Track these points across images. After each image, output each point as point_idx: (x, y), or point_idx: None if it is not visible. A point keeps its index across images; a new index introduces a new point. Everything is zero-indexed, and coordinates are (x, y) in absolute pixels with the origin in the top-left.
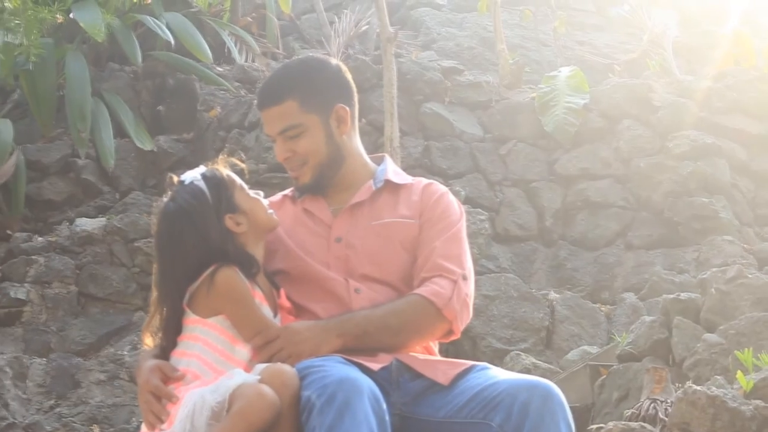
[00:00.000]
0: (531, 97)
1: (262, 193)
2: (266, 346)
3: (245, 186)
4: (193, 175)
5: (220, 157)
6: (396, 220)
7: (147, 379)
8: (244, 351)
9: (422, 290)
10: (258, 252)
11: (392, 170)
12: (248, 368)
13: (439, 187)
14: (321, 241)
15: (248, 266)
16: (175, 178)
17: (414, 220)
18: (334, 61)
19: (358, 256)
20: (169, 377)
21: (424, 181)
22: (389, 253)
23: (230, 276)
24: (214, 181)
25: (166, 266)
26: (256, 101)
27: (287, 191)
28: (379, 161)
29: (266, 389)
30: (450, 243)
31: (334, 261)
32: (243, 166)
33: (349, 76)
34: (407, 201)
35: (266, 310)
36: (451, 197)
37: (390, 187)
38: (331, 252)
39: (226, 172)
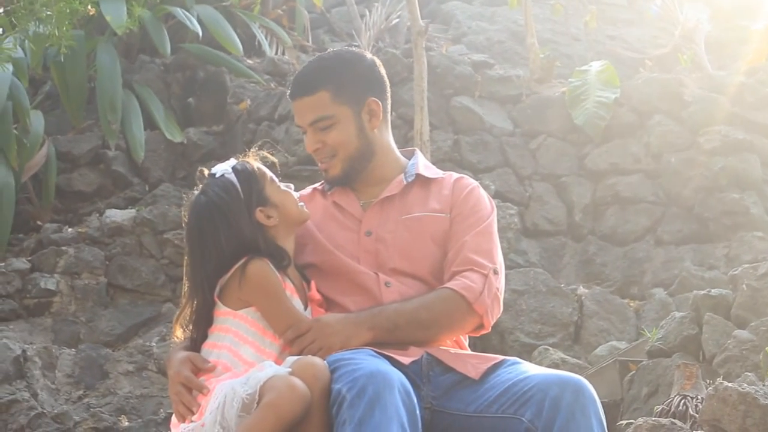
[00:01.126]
0: (561, 92)
1: (292, 186)
2: (297, 339)
3: (276, 179)
4: (224, 168)
5: (252, 150)
6: (427, 214)
7: (178, 370)
8: (275, 343)
9: (453, 284)
10: (289, 245)
11: (423, 164)
12: (279, 360)
13: (470, 182)
14: (351, 235)
15: (279, 259)
16: (206, 171)
17: (445, 214)
18: (369, 55)
19: (388, 250)
20: (200, 369)
21: (455, 175)
22: (419, 247)
23: (261, 268)
24: (244, 174)
25: (197, 259)
26: (288, 91)
27: (317, 185)
28: (409, 155)
29: (297, 382)
30: (481, 237)
31: (364, 255)
32: (274, 159)
33: (383, 70)
34: (438, 195)
35: (297, 302)
36: (482, 192)
37: (421, 181)
38: (361, 246)
39: (256, 165)
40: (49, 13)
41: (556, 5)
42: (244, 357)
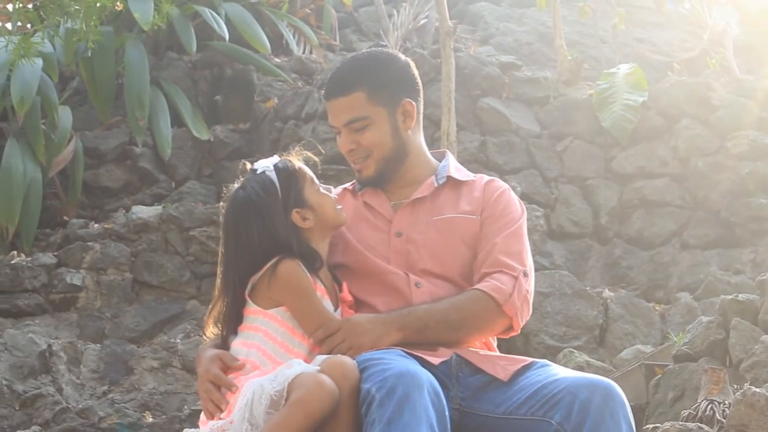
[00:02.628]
0: (589, 94)
1: (332, 189)
2: (327, 339)
3: (316, 180)
4: (266, 165)
5: (296, 148)
6: (457, 215)
7: (207, 368)
8: (303, 343)
9: (483, 285)
10: (322, 247)
11: (454, 166)
12: (308, 360)
13: (501, 184)
14: (381, 236)
15: (312, 261)
16: (249, 165)
17: (475, 216)
18: (402, 56)
19: (418, 251)
20: (229, 367)
21: (485, 177)
22: (450, 249)
23: (293, 268)
24: (285, 173)
25: (230, 255)
26: (323, 92)
27: (348, 185)
28: (440, 157)
29: (326, 379)
30: (511, 239)
31: (394, 255)
32: (316, 159)
33: (416, 72)
34: (468, 197)
35: (327, 304)
36: (513, 194)
37: (452, 183)
38: (392, 246)
39: (298, 164)
40: (77, 8)
41: (584, 7)
42: (273, 356)
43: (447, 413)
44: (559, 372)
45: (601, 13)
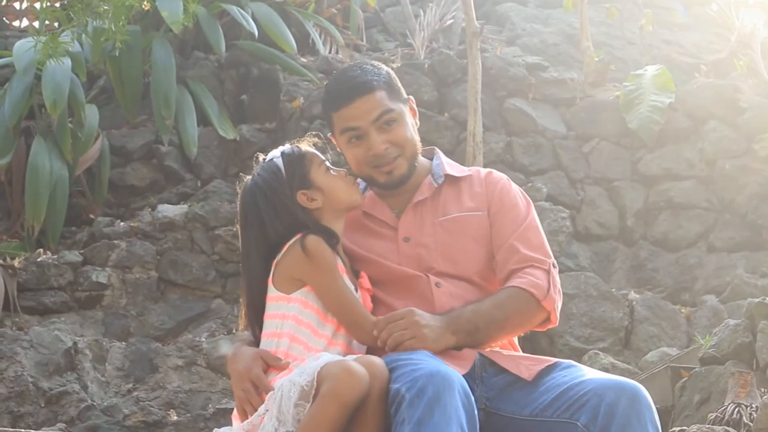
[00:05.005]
0: (615, 96)
1: (344, 171)
2: (389, 325)
3: (327, 163)
4: (274, 153)
5: (307, 134)
6: (463, 214)
7: (249, 366)
8: (328, 324)
9: (519, 282)
10: (337, 226)
11: (447, 163)
12: (332, 341)
13: (500, 175)
14: (389, 244)
15: (328, 237)
16: (261, 157)
17: (482, 211)
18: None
19: (431, 254)
20: (270, 366)
21: (482, 170)
22: (462, 248)
23: (317, 241)
24: (290, 157)
25: (245, 241)
26: (337, 102)
27: None
28: (429, 155)
29: (353, 365)
30: (529, 232)
31: (405, 261)
32: (324, 144)
33: None
34: (470, 192)
35: (348, 282)
36: (513, 184)
37: (449, 180)
38: (402, 253)
39: (306, 148)
40: (105, 8)
41: (611, 8)
42: (301, 338)
43: (477, 414)
44: (585, 373)
45: (628, 15)
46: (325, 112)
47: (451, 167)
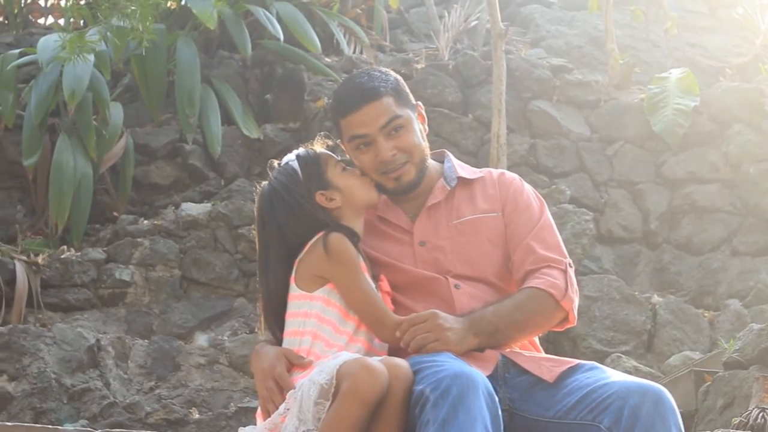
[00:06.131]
0: (640, 98)
1: (359, 171)
2: (411, 328)
3: (342, 163)
4: (289, 156)
5: (318, 136)
6: (478, 216)
7: (273, 365)
8: (350, 321)
9: (538, 283)
10: (357, 225)
11: (459, 165)
12: (354, 337)
13: (513, 176)
14: (404, 248)
15: (349, 235)
16: (276, 162)
17: (496, 213)
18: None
19: (447, 257)
20: (294, 364)
21: (494, 171)
22: (478, 250)
23: (341, 238)
24: (306, 159)
25: (264, 245)
26: (345, 108)
27: None
28: (439, 158)
29: (371, 362)
30: (544, 232)
31: (422, 265)
32: (336, 144)
33: None
34: (484, 194)
35: (369, 281)
36: (526, 184)
37: (462, 182)
38: (418, 256)
39: (320, 150)
40: (132, 7)
41: (636, 11)
42: (323, 336)
43: (501, 414)
44: (608, 375)
45: (654, 17)
46: (333, 118)
47: (463, 169)
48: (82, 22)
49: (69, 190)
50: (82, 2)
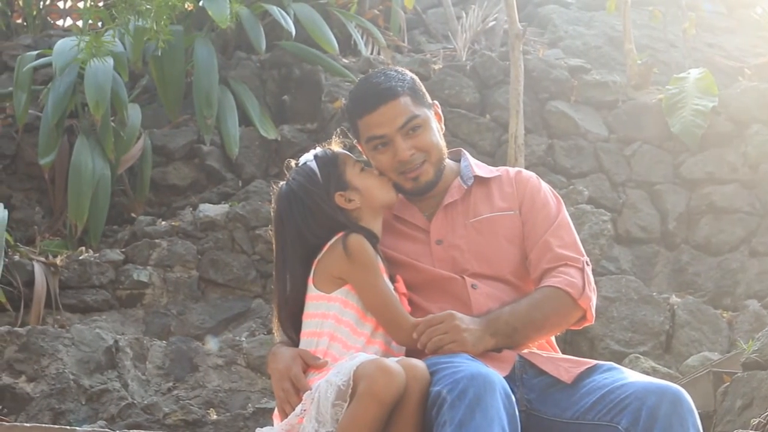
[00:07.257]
0: (658, 99)
1: (376, 171)
2: (428, 329)
3: (360, 163)
4: (307, 157)
5: (334, 136)
6: (495, 214)
7: (289, 365)
8: (367, 323)
9: (555, 281)
10: (375, 226)
11: (475, 164)
12: (371, 339)
13: (529, 174)
14: (421, 247)
15: (369, 237)
16: (293, 162)
17: (513, 211)
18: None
19: (464, 256)
20: (310, 365)
21: (511, 170)
22: (495, 249)
23: (360, 240)
24: (324, 160)
25: (281, 246)
26: (362, 109)
27: None
28: (456, 156)
29: (388, 363)
30: (562, 230)
31: (439, 264)
32: (354, 144)
33: None
34: (500, 192)
35: (388, 283)
36: (543, 182)
37: (479, 181)
38: (435, 255)
39: (338, 150)
40: (148, 7)
41: (654, 11)
42: (340, 337)
43: (518, 415)
44: (626, 376)
45: (672, 18)
46: (350, 119)
47: (480, 168)
48: (100, 23)
49: (87, 191)
50: (101, 4)
